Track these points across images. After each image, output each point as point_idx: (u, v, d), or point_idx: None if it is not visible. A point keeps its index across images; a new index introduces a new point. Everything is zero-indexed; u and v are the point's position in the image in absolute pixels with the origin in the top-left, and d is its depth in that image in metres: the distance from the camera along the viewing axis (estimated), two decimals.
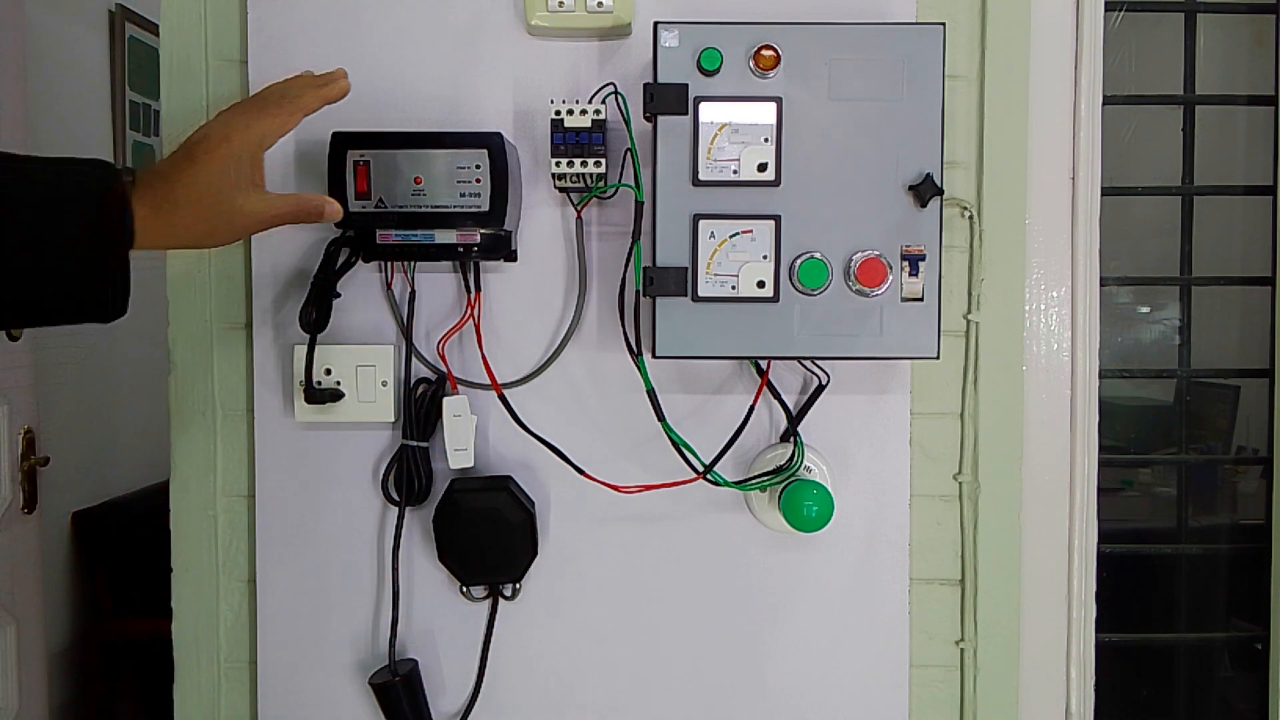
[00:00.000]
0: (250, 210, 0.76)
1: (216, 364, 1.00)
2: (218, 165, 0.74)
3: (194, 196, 0.73)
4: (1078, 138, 1.03)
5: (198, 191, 0.73)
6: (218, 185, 0.74)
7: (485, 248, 0.90)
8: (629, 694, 1.00)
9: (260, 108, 0.78)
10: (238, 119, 0.76)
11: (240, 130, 0.75)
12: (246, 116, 0.77)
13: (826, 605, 0.99)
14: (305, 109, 0.79)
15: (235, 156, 0.74)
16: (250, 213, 0.76)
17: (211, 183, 0.74)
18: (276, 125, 0.77)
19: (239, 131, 0.75)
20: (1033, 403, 1.03)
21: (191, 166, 0.73)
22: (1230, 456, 1.33)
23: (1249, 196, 1.20)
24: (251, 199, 0.76)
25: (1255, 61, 1.20)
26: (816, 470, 0.94)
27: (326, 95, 0.81)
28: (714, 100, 0.85)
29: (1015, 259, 1.00)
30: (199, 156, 0.74)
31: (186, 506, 1.01)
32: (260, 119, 0.77)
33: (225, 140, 0.74)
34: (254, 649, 1.01)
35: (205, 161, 0.74)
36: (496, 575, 0.97)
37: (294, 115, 0.79)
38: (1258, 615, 1.18)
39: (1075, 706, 1.05)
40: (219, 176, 0.74)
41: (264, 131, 0.76)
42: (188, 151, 0.74)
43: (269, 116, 0.77)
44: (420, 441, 0.95)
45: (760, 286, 0.86)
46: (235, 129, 0.75)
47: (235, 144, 0.75)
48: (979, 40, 0.99)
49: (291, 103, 0.78)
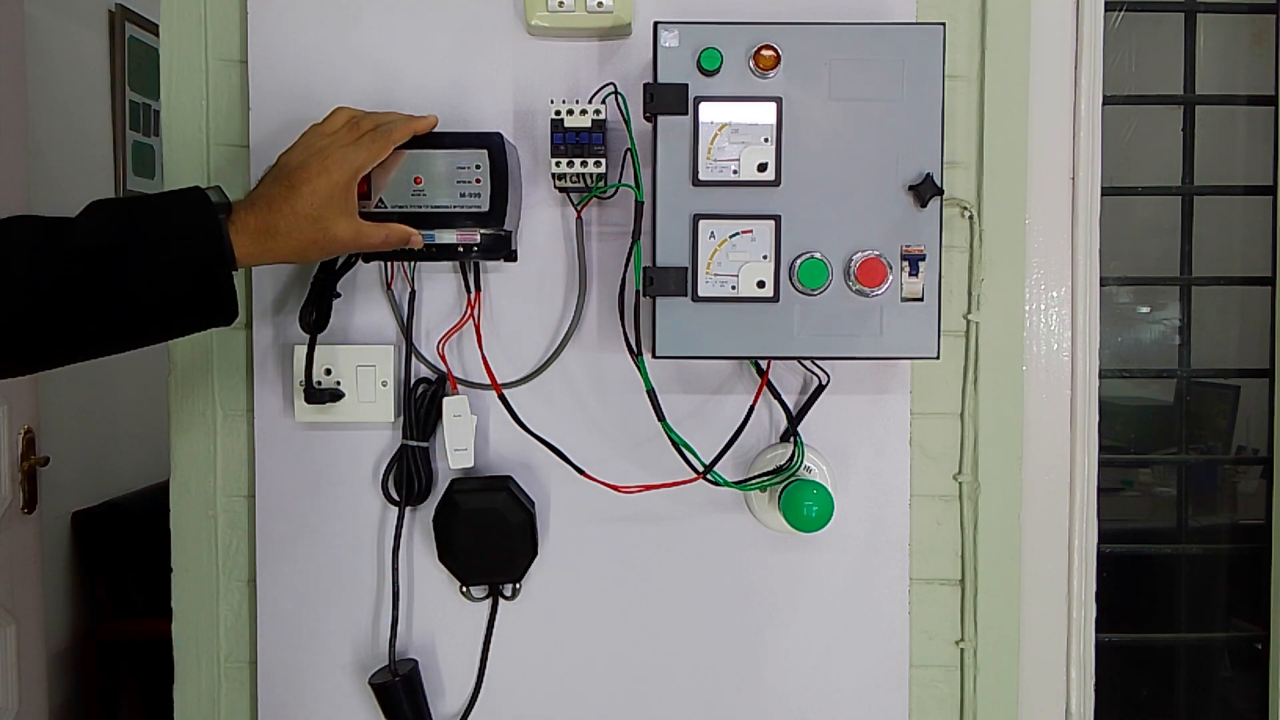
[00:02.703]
0: (344, 237, 0.80)
1: (216, 364, 1.00)
2: (319, 196, 0.78)
3: (293, 225, 0.78)
4: (1078, 138, 1.03)
5: (297, 221, 0.78)
6: (317, 214, 0.78)
7: (485, 248, 0.90)
8: (629, 694, 1.00)
9: (356, 138, 0.82)
10: (336, 150, 0.80)
11: (338, 162, 0.79)
12: (345, 148, 0.80)
13: (826, 605, 0.99)
14: (396, 141, 0.83)
15: (333, 186, 0.79)
16: (344, 239, 0.80)
17: (311, 212, 0.78)
18: (370, 156, 0.81)
19: (337, 163, 0.79)
20: (1033, 403, 1.03)
21: (292, 196, 0.78)
22: (1230, 456, 1.33)
23: (1249, 196, 1.20)
24: (346, 226, 0.80)
25: (1255, 61, 1.20)
26: (816, 470, 0.94)
27: (416, 127, 0.85)
28: (714, 100, 0.85)
29: (1015, 259, 1.00)
30: (299, 186, 0.78)
31: (186, 506, 1.01)
32: (357, 150, 0.81)
33: (325, 171, 0.79)
34: (254, 649, 1.01)
35: (306, 193, 0.78)
36: (496, 575, 0.97)
37: (387, 146, 0.82)
38: (1258, 615, 1.18)
39: (1075, 706, 1.05)
40: (319, 207, 0.78)
41: (360, 163, 0.80)
42: (289, 179, 0.79)
43: (364, 148, 0.81)
44: (420, 441, 0.95)
45: (760, 286, 0.86)
46: (334, 160, 0.79)
47: (334, 175, 0.79)
48: (979, 40, 0.99)
49: (385, 135, 0.82)
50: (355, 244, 0.82)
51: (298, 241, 0.78)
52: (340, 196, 0.79)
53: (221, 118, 0.98)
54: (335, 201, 0.79)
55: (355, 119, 0.84)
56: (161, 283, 0.74)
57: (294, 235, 0.78)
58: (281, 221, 0.77)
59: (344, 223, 0.80)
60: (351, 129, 0.83)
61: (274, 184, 0.79)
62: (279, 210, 0.78)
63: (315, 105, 0.96)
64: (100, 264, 0.72)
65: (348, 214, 0.80)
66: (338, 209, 0.79)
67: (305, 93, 0.96)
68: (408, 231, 0.85)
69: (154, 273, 0.74)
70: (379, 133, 0.83)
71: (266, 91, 0.97)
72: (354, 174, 0.80)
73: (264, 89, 0.96)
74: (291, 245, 0.79)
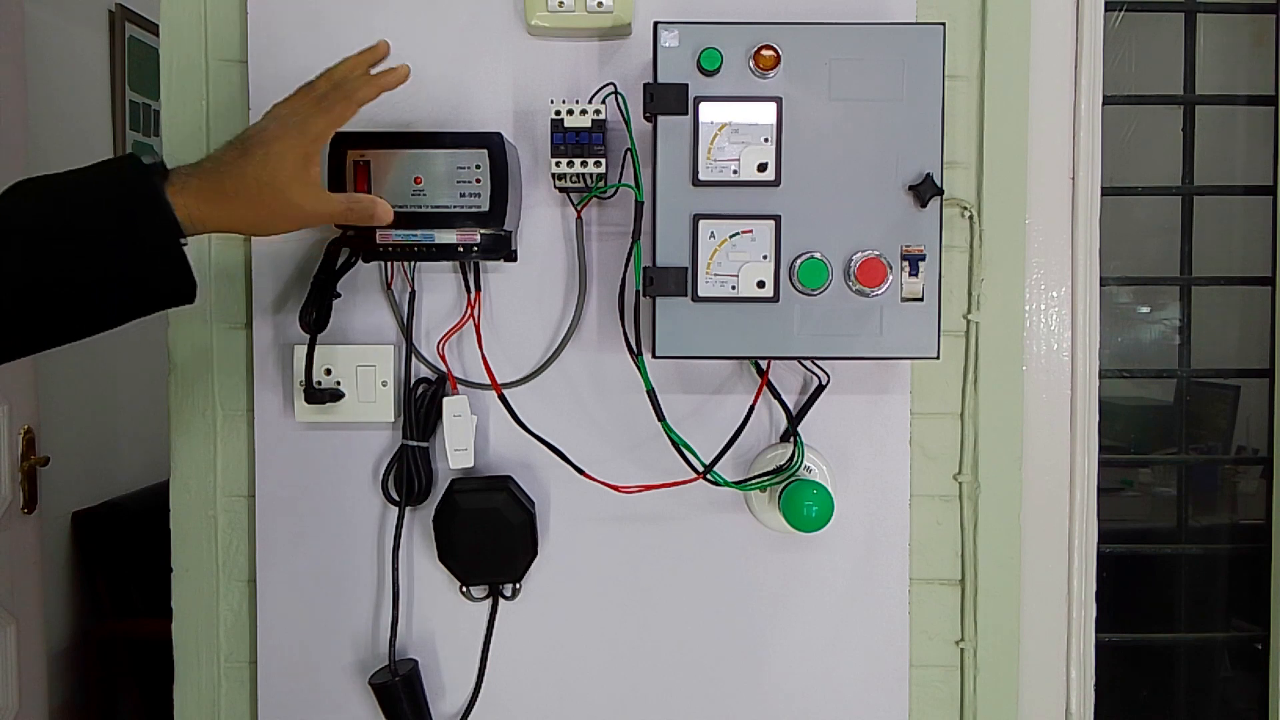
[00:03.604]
0: (303, 204, 0.76)
1: (216, 364, 1.00)
2: (272, 161, 0.74)
3: (242, 188, 0.74)
4: (1078, 138, 1.03)
5: (245, 184, 0.74)
6: (268, 179, 0.74)
7: (485, 248, 0.90)
8: (629, 694, 1.00)
9: (314, 101, 0.78)
10: (292, 115, 0.77)
11: (294, 128, 0.76)
12: (300, 114, 0.77)
13: (826, 605, 0.99)
14: (361, 101, 0.78)
15: (286, 153, 0.75)
16: (302, 206, 0.77)
17: (261, 177, 0.74)
18: (330, 121, 0.77)
19: (293, 129, 0.76)
20: (1033, 403, 1.03)
21: (241, 160, 0.74)
22: (1230, 456, 1.33)
23: (1249, 196, 1.20)
24: (304, 194, 0.76)
25: (1255, 61, 1.20)
26: (816, 470, 0.94)
27: (384, 84, 0.79)
28: (714, 100, 0.85)
29: (1015, 259, 1.00)
30: (251, 150, 0.75)
31: (186, 506, 1.01)
32: (315, 115, 0.77)
33: (279, 137, 0.75)
34: (254, 649, 1.01)
35: (258, 156, 0.74)
36: (496, 575, 0.97)
37: (349, 108, 0.78)
38: (1258, 615, 1.18)
39: (1075, 706, 1.05)
40: (271, 172, 0.74)
41: (320, 128, 0.77)
42: (242, 144, 0.75)
43: (324, 112, 0.77)
44: (420, 441, 0.95)
45: (760, 286, 0.86)
46: (289, 126, 0.76)
47: (288, 141, 0.75)
48: (979, 40, 0.99)
49: (347, 96, 0.78)
50: (315, 213, 0.78)
51: (249, 208, 0.75)
52: (297, 162, 0.75)
53: (221, 118, 0.98)
54: (291, 167, 0.75)
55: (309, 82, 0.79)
56: (102, 261, 0.70)
57: (244, 199, 0.74)
58: (229, 183, 0.74)
59: (301, 190, 0.76)
60: (309, 92, 0.78)
61: (228, 148, 0.76)
62: (227, 172, 0.74)
63: None
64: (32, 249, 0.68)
65: (306, 182, 0.76)
66: (294, 175, 0.75)
67: None
68: (373, 200, 0.81)
69: (92, 251, 0.69)
70: (339, 94, 0.78)
71: (266, 91, 0.96)
72: (314, 139, 0.76)
73: (264, 89, 0.96)
74: (241, 212, 0.75)
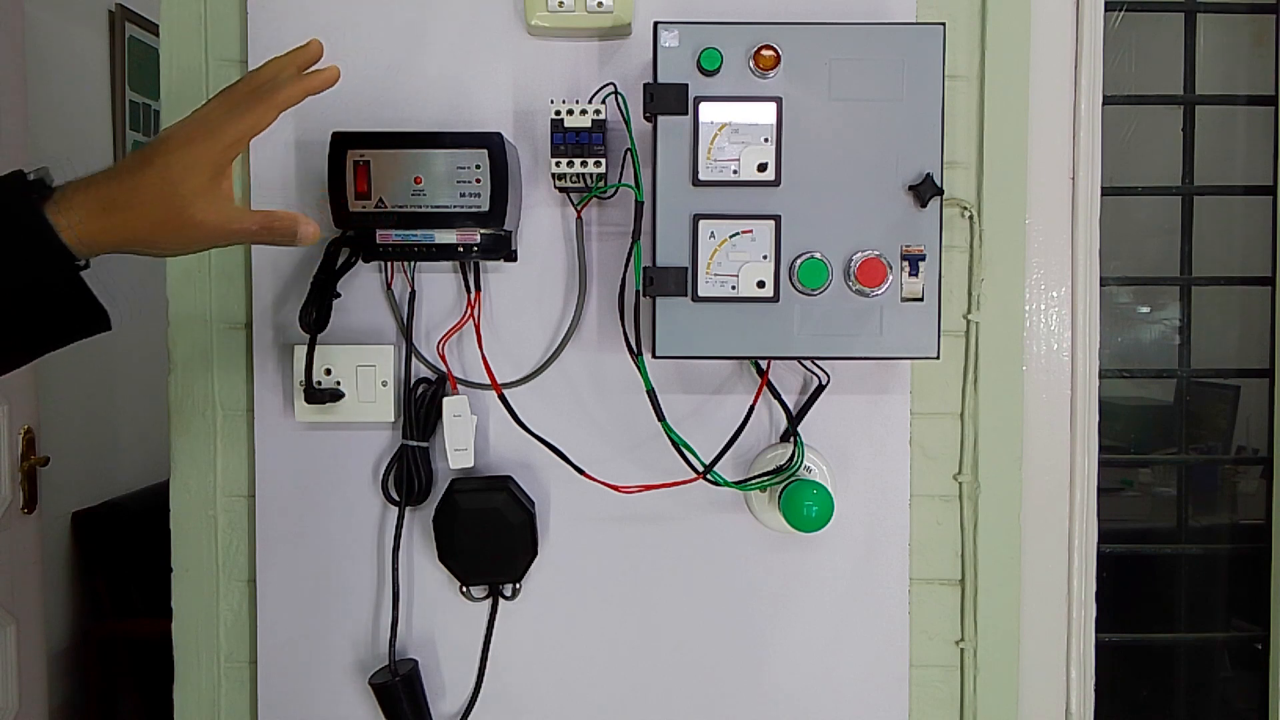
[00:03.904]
0: (207, 221, 0.68)
1: (216, 364, 1.00)
2: (173, 171, 0.66)
3: (136, 200, 0.66)
4: (1078, 138, 1.03)
5: (141, 196, 0.66)
6: (170, 192, 0.66)
7: (485, 248, 0.90)
8: (629, 694, 1.00)
9: (229, 106, 0.69)
10: (201, 123, 0.68)
11: (204, 134, 0.68)
12: (212, 119, 0.69)
13: (826, 605, 0.99)
14: (283, 104, 0.70)
15: (194, 163, 0.67)
16: (205, 223, 0.68)
17: (159, 188, 0.66)
18: (247, 127, 0.69)
19: (203, 136, 0.68)
20: (1033, 403, 1.03)
21: (140, 169, 0.67)
22: (1230, 456, 1.33)
23: (1249, 196, 1.20)
24: (210, 209, 0.68)
25: (1255, 61, 1.20)
26: (816, 470, 0.94)
27: (310, 87, 0.71)
28: (714, 100, 0.85)
29: (1015, 259, 1.00)
30: (153, 158, 0.67)
31: (186, 506, 1.01)
32: (230, 121, 0.68)
33: (186, 144, 0.67)
34: (254, 649, 1.01)
35: (159, 165, 0.67)
36: (496, 575, 0.97)
37: (269, 112, 0.69)
38: (1258, 615, 1.18)
39: (1075, 706, 1.05)
40: (172, 184, 0.66)
41: (233, 136, 0.68)
42: (146, 152, 0.68)
43: (238, 118, 0.68)
44: (420, 441, 0.95)
45: (760, 286, 0.86)
46: (199, 132, 0.68)
47: (196, 149, 0.67)
48: (979, 40, 0.99)
49: (268, 98, 0.69)
50: (222, 231, 0.69)
51: (145, 223, 0.66)
52: (204, 172, 0.67)
53: None
54: (196, 178, 0.66)
55: (230, 85, 0.71)
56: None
57: (138, 214, 0.66)
58: (122, 194, 0.65)
59: (206, 205, 0.67)
60: (227, 95, 0.70)
61: (131, 155, 0.68)
62: (122, 181, 0.66)
63: (315, 105, 0.96)
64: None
65: (213, 195, 0.67)
66: (199, 187, 0.66)
67: None
68: (295, 218, 0.71)
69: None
70: (258, 96, 0.69)
71: None
72: (226, 146, 0.67)
73: None
74: (136, 227, 0.66)
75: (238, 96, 0.70)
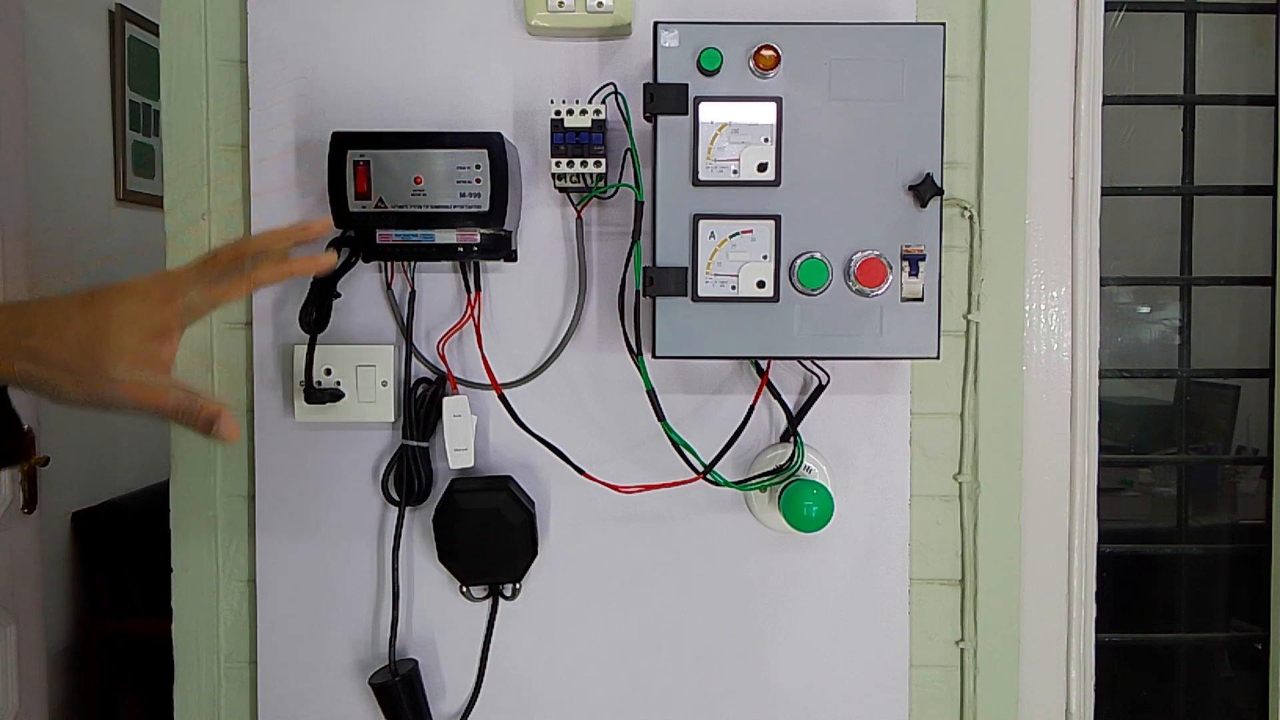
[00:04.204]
0: (121, 384, 0.62)
1: (216, 364, 1.00)
2: (111, 320, 0.62)
3: (60, 337, 0.61)
4: (1078, 138, 1.03)
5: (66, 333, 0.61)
6: (96, 340, 0.61)
7: (485, 248, 0.90)
8: (629, 694, 1.00)
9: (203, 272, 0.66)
10: (164, 281, 0.65)
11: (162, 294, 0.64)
12: (178, 280, 0.65)
13: (826, 605, 0.99)
14: (259, 283, 0.68)
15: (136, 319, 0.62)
16: (120, 386, 0.62)
17: (90, 334, 0.61)
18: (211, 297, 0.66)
19: (160, 295, 0.64)
20: (1033, 403, 1.03)
21: (80, 306, 0.62)
22: (1230, 456, 1.33)
23: (1249, 196, 1.20)
24: (129, 372, 0.62)
25: (1255, 61, 1.20)
26: (816, 470, 0.94)
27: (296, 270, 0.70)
28: (714, 100, 0.85)
29: (1015, 259, 1.00)
30: (95, 301, 0.63)
31: (186, 506, 1.01)
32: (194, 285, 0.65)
33: (137, 297, 0.63)
34: (254, 649, 1.01)
35: (98, 309, 0.62)
36: (496, 575, 0.97)
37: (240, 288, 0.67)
38: (1258, 615, 1.18)
39: (1075, 706, 1.05)
40: (103, 332, 0.61)
41: (194, 303, 0.65)
42: (95, 291, 0.63)
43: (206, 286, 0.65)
44: (420, 441, 0.95)
45: (760, 286, 0.86)
46: (157, 290, 0.64)
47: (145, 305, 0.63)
48: (979, 40, 0.99)
49: (248, 275, 0.68)
50: (135, 399, 0.63)
51: (56, 360, 0.60)
52: (141, 331, 0.62)
53: (221, 118, 0.98)
54: (131, 335, 0.61)
55: (214, 249, 0.68)
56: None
57: (53, 348, 0.60)
58: (40, 325, 0.60)
59: (128, 366, 0.61)
60: (207, 260, 0.67)
61: (79, 291, 0.63)
62: (48, 314, 0.61)
63: (315, 105, 0.96)
64: None
65: (139, 358, 0.61)
66: (129, 345, 0.61)
67: (305, 93, 0.96)
68: (216, 411, 0.65)
69: None
70: (239, 268, 0.66)
71: (266, 91, 0.97)
72: (178, 311, 0.63)
73: (264, 89, 0.96)
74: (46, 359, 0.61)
75: (219, 263, 0.67)
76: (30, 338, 0.61)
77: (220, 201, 0.99)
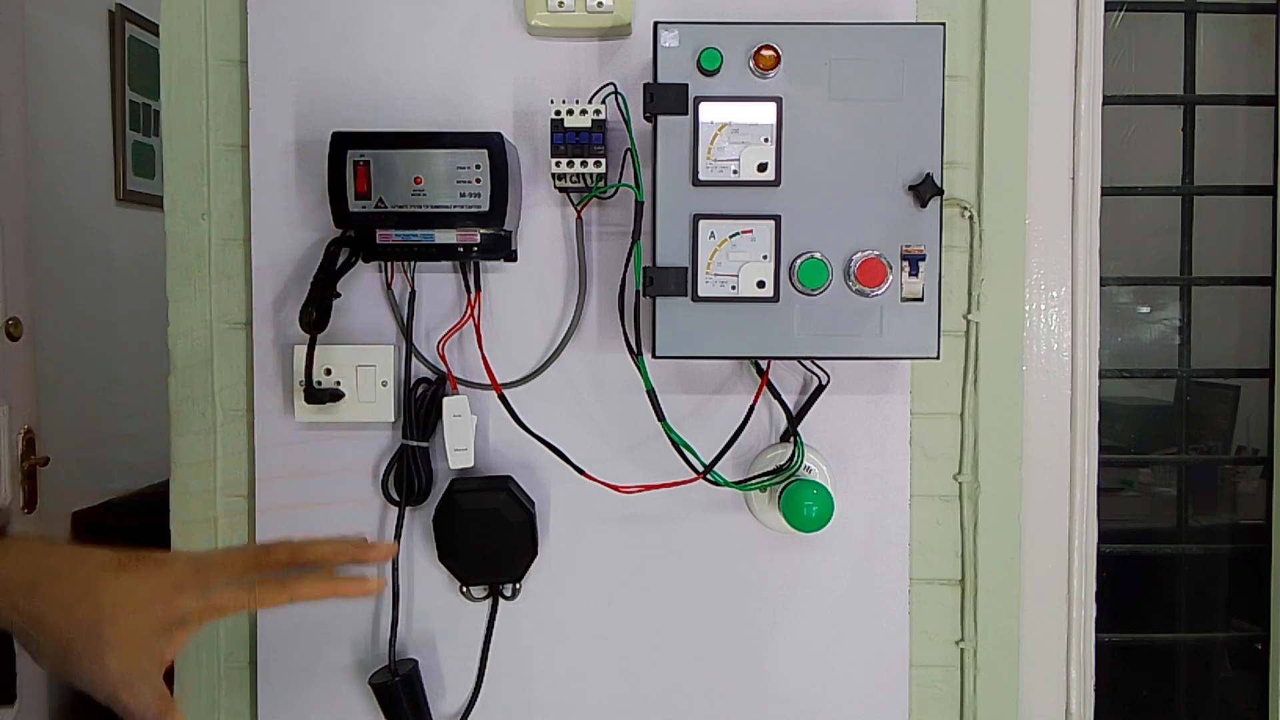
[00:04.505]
0: (108, 669, 0.60)
1: (216, 364, 1.00)
2: (129, 598, 0.60)
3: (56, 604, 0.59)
4: (1078, 138, 1.03)
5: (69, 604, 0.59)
6: (103, 620, 0.59)
7: (485, 248, 0.90)
8: (629, 694, 1.00)
9: (247, 567, 0.65)
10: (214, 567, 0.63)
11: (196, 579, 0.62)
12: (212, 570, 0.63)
13: (826, 605, 0.99)
14: (299, 597, 0.67)
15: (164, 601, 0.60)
16: (106, 671, 0.60)
17: (97, 612, 0.59)
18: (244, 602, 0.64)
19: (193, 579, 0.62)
20: (1033, 403, 1.03)
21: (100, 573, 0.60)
22: (1230, 456, 1.33)
23: (1249, 196, 1.20)
24: (116, 664, 0.59)
25: (1255, 61, 1.20)
26: (816, 470, 0.94)
27: (341, 590, 0.69)
28: (714, 100, 0.85)
29: (1015, 259, 1.00)
30: (127, 571, 0.61)
31: (186, 506, 1.01)
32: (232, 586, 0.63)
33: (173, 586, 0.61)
34: (254, 649, 1.01)
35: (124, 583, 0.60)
36: (496, 575, 0.97)
37: (278, 597, 0.65)
38: (1258, 615, 1.18)
39: (1075, 706, 1.05)
40: (113, 612, 0.59)
41: (222, 603, 0.63)
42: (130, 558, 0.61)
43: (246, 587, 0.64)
44: (420, 441, 0.95)
45: (760, 286, 0.86)
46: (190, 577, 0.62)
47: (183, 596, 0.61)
48: (979, 40, 0.99)
49: (290, 587, 0.66)
50: (115, 689, 0.60)
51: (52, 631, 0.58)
52: (163, 622, 0.60)
53: (221, 118, 0.98)
54: (149, 623, 0.59)
55: (267, 544, 0.67)
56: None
57: (44, 617, 0.58)
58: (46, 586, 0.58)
59: (117, 661, 0.59)
60: (259, 554, 0.66)
61: (111, 551, 0.61)
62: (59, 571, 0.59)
63: (315, 106, 0.96)
64: None
65: (139, 649, 0.59)
66: (141, 633, 0.59)
67: (305, 93, 0.96)
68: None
69: None
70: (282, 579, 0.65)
71: (266, 91, 0.97)
72: (207, 610, 0.62)
73: (264, 89, 0.96)
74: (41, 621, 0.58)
75: (270, 561, 0.65)
76: (35, 601, 0.59)
77: (220, 201, 0.99)
